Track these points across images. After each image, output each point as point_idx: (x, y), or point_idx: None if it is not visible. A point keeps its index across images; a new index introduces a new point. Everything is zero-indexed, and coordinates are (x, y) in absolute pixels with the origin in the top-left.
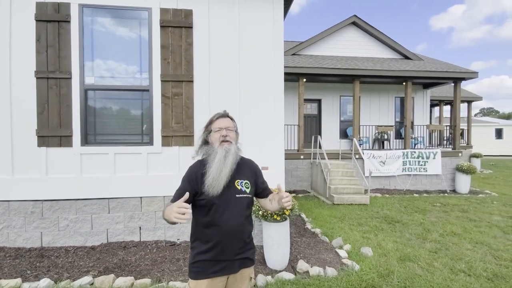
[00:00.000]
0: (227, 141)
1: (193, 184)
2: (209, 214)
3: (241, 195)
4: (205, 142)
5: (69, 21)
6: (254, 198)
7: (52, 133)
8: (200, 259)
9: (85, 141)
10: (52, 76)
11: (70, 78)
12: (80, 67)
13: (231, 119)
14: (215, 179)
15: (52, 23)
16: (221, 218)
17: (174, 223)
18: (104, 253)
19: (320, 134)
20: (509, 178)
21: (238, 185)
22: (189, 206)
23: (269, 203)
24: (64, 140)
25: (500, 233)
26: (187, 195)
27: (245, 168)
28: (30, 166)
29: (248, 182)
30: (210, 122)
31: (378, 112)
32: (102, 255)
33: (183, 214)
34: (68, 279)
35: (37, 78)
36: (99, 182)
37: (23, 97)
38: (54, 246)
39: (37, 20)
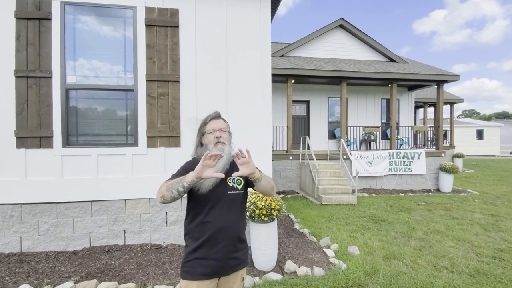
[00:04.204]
0: (221, 142)
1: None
2: (201, 210)
3: (233, 192)
4: (200, 144)
5: (50, 19)
6: (252, 190)
7: (31, 134)
8: (191, 258)
9: (67, 142)
10: (31, 75)
11: (51, 77)
12: (62, 66)
13: (224, 120)
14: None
15: (32, 21)
16: (212, 215)
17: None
18: (86, 257)
19: (308, 135)
20: (489, 177)
21: (230, 182)
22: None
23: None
24: (44, 141)
25: (482, 230)
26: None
27: (237, 166)
28: (9, 168)
29: (240, 179)
30: (204, 124)
31: (365, 113)
32: (85, 260)
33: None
34: (48, 285)
35: (16, 77)
36: (81, 184)
37: (1, 96)
38: (34, 251)
39: (17, 18)
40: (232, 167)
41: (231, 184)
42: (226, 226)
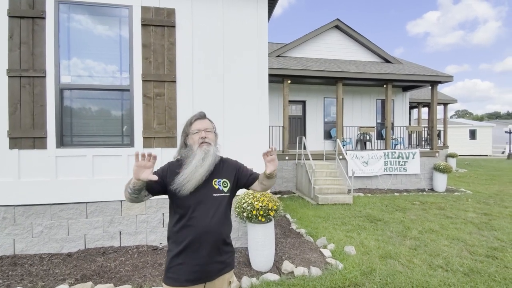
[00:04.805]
0: (206, 142)
1: (164, 174)
2: (184, 213)
3: (218, 194)
4: (185, 144)
5: (44, 18)
6: (246, 191)
7: (25, 135)
8: (174, 264)
9: (61, 143)
10: (25, 74)
11: (45, 76)
12: (56, 65)
13: (209, 120)
14: (187, 179)
15: (26, 20)
16: (195, 218)
17: (139, 181)
18: (81, 259)
19: (304, 135)
20: (482, 176)
21: (216, 184)
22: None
23: (260, 185)
24: (38, 142)
25: (475, 229)
26: (154, 176)
27: (225, 167)
28: (1, 169)
29: (227, 181)
30: (189, 124)
31: (360, 113)
32: (80, 262)
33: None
34: None
35: (9, 76)
36: (76, 185)
37: None
38: (27, 254)
39: (10, 16)
40: (218, 168)
41: (216, 187)
42: (210, 229)
